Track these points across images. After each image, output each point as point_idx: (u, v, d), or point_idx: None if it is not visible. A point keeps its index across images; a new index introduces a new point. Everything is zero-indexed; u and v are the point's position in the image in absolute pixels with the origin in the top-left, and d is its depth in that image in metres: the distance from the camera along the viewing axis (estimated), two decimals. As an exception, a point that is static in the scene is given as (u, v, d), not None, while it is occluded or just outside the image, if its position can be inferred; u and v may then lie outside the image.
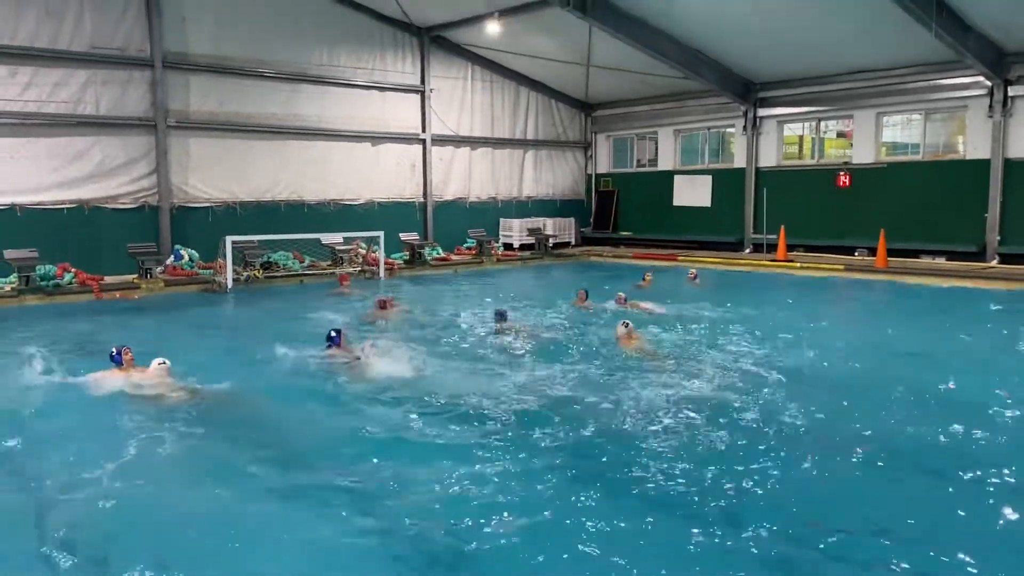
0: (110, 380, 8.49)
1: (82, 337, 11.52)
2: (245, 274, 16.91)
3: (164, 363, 8.54)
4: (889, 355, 10.36)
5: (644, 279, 16.38)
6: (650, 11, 18.65)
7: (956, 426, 6.98)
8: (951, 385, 8.53)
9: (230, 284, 16.21)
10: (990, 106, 18.16)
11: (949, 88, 18.92)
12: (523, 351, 10.28)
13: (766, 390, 8.31)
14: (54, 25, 16.38)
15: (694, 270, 17.37)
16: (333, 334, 10.09)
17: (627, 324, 10.25)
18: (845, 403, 7.95)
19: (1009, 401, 7.79)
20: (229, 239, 16.39)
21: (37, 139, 16.44)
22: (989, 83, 17.99)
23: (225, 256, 16.27)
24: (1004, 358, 10.13)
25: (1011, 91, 17.86)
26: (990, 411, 7.50)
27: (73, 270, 15.86)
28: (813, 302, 15.43)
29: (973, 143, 18.84)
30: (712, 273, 19.05)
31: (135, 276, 16.46)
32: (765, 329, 11.60)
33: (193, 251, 17.73)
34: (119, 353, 8.73)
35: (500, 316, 11.71)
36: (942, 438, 6.78)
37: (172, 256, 17.48)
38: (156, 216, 17.95)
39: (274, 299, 15.47)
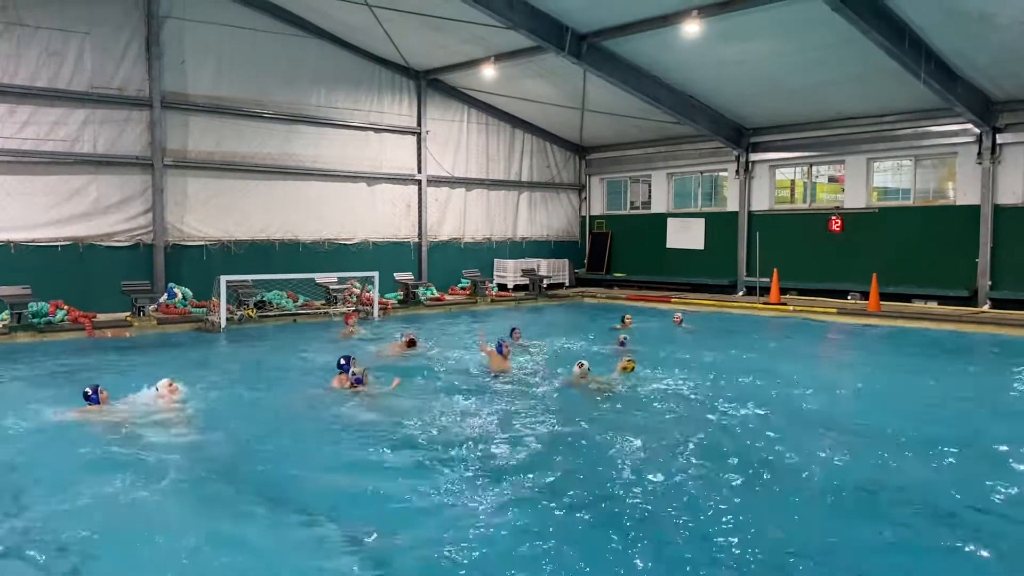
0: (97, 414, 8.50)
1: (71, 374, 11.48)
2: (239, 313, 16.86)
3: (172, 384, 8.89)
4: (874, 398, 10.38)
5: (623, 321, 16.51)
6: (643, 58, 18.95)
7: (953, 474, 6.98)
8: (934, 428, 8.54)
9: (223, 323, 16.16)
10: (979, 153, 18.41)
11: (938, 135, 19.19)
12: (511, 387, 10.54)
13: (733, 431, 8.40)
14: (55, 65, 16.54)
15: (679, 314, 17.49)
16: (343, 361, 10.15)
17: (582, 364, 10.65)
18: (837, 446, 7.92)
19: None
20: (223, 278, 16.39)
21: (34, 177, 16.49)
22: (978, 130, 18.26)
23: (219, 295, 16.25)
24: (998, 401, 10.14)
25: (999, 138, 18.13)
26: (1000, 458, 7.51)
27: (66, 307, 15.80)
28: (804, 345, 15.47)
29: (963, 189, 19.06)
30: (704, 316, 19.13)
31: (128, 314, 16.40)
32: (746, 372, 11.68)
33: (187, 289, 17.70)
34: (95, 392, 8.85)
35: (499, 348, 12.05)
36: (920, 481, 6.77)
37: (166, 294, 17.45)
38: (150, 254, 17.96)
39: (270, 338, 15.41)
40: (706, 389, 10.47)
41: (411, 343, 13.35)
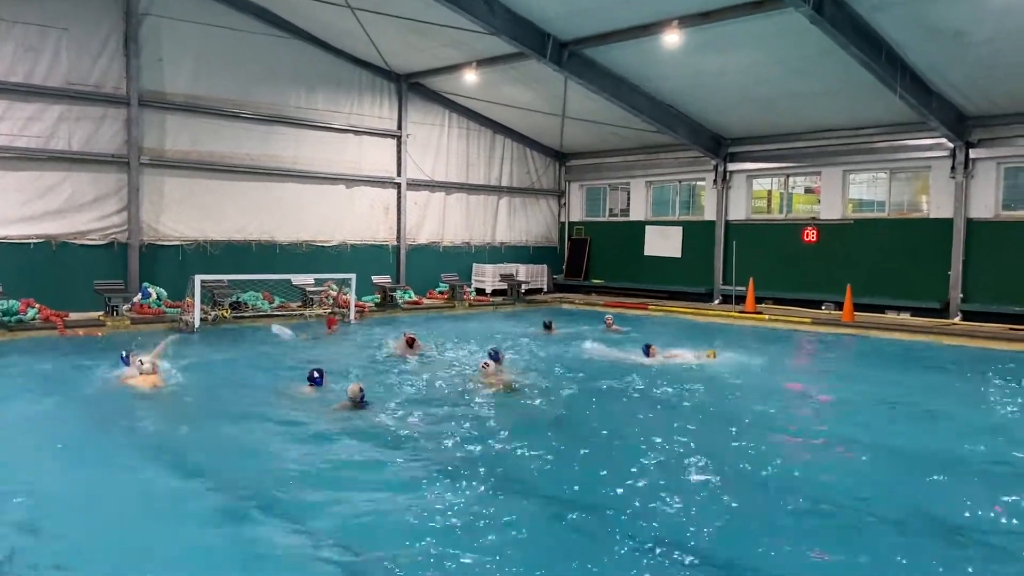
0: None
1: (41, 372, 11.37)
2: (213, 314, 16.73)
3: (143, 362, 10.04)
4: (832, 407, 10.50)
5: (549, 328, 17.05)
6: (624, 66, 19.04)
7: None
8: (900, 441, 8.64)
9: (197, 323, 16.03)
10: (952, 167, 18.68)
11: (913, 149, 19.45)
12: (500, 394, 10.63)
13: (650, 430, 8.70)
14: (31, 60, 16.34)
15: (610, 316, 18.21)
16: (316, 375, 9.99)
17: (487, 364, 11.42)
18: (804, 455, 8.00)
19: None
20: (198, 278, 16.25)
21: (6, 172, 16.26)
22: (951, 145, 18.52)
23: (194, 295, 16.11)
24: (966, 412, 10.28)
25: (972, 153, 18.39)
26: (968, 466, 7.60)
27: (37, 306, 15.59)
28: (776, 352, 15.59)
29: (936, 202, 19.32)
30: (678, 322, 19.28)
31: (101, 313, 16.22)
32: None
33: (161, 289, 17.53)
34: (127, 356, 10.13)
35: (493, 355, 11.91)
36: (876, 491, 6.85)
37: (140, 294, 17.27)
38: (125, 253, 17.77)
39: (242, 339, 15.28)
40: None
41: (411, 343, 13.42)
